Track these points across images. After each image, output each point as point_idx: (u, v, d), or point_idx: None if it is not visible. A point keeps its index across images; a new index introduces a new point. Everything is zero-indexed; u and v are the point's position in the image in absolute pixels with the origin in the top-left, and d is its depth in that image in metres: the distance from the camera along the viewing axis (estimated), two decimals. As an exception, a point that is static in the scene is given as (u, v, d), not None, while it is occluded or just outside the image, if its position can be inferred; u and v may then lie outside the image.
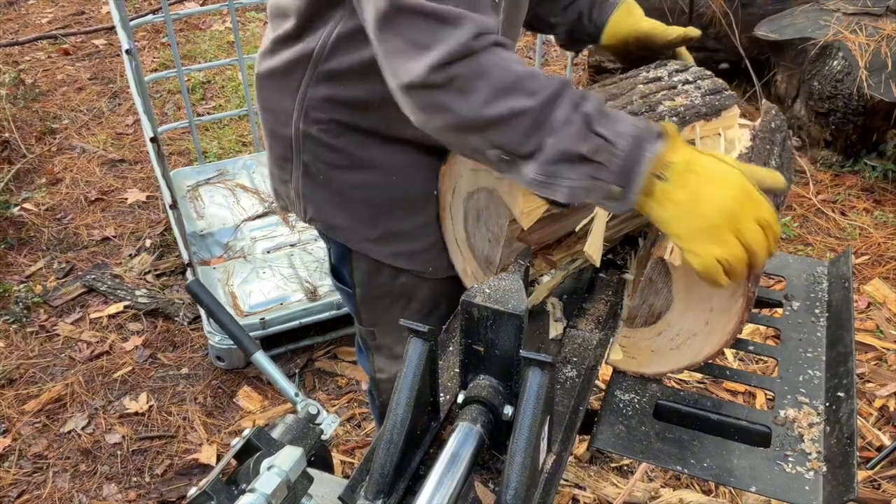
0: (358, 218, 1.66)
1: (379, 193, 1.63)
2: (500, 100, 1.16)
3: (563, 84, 1.18)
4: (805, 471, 1.30)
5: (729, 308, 1.31)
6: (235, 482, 1.16)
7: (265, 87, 1.64)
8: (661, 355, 1.43)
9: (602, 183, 1.17)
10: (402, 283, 1.74)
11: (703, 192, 1.14)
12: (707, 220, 1.14)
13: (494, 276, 1.28)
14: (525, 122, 1.17)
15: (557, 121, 1.16)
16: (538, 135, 1.17)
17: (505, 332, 1.21)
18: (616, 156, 1.15)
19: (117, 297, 3.48)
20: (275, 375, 1.51)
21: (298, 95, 1.55)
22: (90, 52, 5.59)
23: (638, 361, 1.46)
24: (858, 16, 4.18)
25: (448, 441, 1.17)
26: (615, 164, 1.15)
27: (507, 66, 1.17)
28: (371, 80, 1.43)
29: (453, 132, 1.23)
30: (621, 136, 1.15)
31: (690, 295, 1.36)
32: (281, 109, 1.60)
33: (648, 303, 1.44)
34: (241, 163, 3.97)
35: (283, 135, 1.62)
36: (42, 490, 2.73)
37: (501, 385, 1.25)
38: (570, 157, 1.16)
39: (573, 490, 2.60)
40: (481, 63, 1.16)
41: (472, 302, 1.22)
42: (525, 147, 1.19)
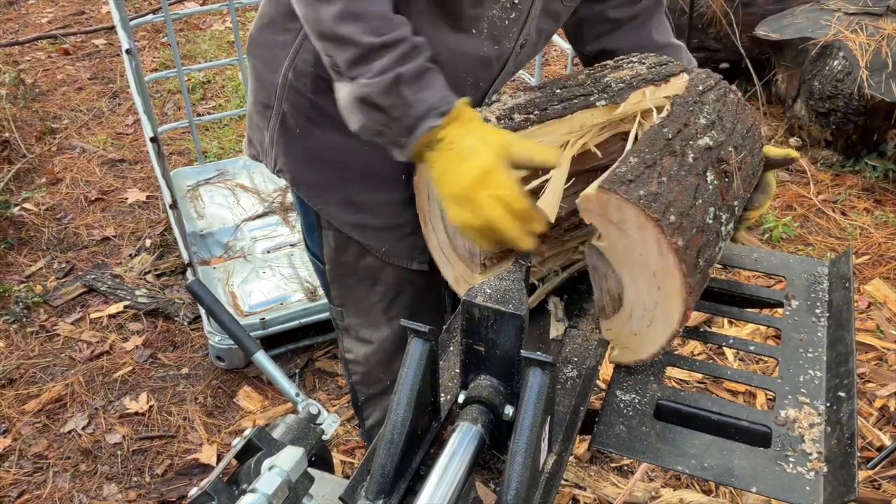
0: (325, 177, 1.69)
1: (350, 159, 1.66)
2: (346, 22, 1.32)
3: (400, 38, 1.34)
4: (806, 471, 1.29)
5: (666, 266, 1.31)
6: (236, 482, 1.16)
7: (260, 37, 1.68)
8: (644, 335, 1.42)
9: (390, 132, 1.38)
10: (367, 265, 1.78)
11: (453, 167, 1.35)
12: (452, 190, 1.35)
13: (495, 276, 1.28)
14: (354, 52, 1.34)
15: (374, 68, 1.33)
16: (359, 68, 1.35)
17: (506, 332, 1.21)
18: (408, 116, 1.34)
19: (117, 297, 3.48)
20: (275, 375, 1.50)
21: (293, 46, 1.59)
22: (90, 52, 5.59)
23: (631, 350, 1.46)
24: (859, 16, 4.19)
25: (448, 441, 1.18)
26: (403, 124, 1.35)
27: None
28: None
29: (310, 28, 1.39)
30: (419, 102, 1.34)
31: (629, 268, 1.36)
32: (272, 56, 1.64)
33: (605, 290, 1.44)
34: (241, 163, 3.97)
35: (270, 80, 1.65)
36: (42, 490, 2.73)
37: (502, 385, 1.25)
38: (371, 103, 1.35)
39: (573, 490, 2.60)
40: None
41: (473, 302, 1.22)
42: (349, 71, 1.36)
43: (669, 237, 1.28)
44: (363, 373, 2.04)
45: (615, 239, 1.34)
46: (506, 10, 1.56)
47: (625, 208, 1.30)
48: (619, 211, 1.31)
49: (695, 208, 1.36)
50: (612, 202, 1.31)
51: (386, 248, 1.75)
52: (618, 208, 1.31)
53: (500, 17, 1.56)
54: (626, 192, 1.29)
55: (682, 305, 1.33)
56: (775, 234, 3.67)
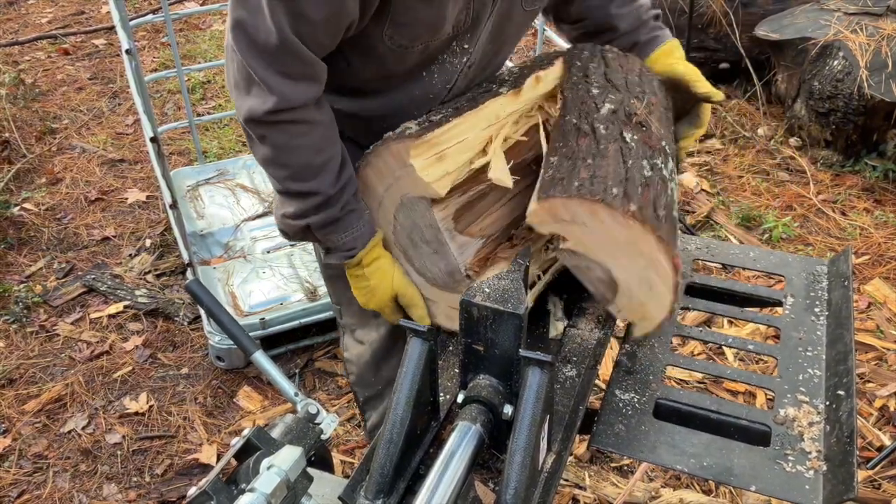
0: None
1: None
2: (271, 166, 1.52)
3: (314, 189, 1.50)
4: (805, 470, 1.30)
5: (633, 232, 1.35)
6: (235, 482, 1.16)
7: None
8: (651, 299, 1.44)
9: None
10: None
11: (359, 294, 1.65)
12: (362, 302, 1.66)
13: (494, 276, 1.28)
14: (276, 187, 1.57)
15: (289, 210, 1.57)
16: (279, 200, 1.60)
17: (505, 331, 1.21)
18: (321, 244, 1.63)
19: (117, 297, 3.48)
20: (274, 375, 1.50)
21: None
22: (90, 52, 5.59)
23: (648, 318, 1.47)
24: (859, 15, 4.18)
25: (448, 440, 1.18)
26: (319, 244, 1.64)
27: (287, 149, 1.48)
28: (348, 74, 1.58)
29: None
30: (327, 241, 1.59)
31: (605, 252, 1.40)
32: None
33: (595, 280, 1.46)
34: (241, 163, 3.97)
35: None
36: (42, 490, 2.73)
37: (501, 384, 1.25)
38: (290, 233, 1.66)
39: (573, 490, 2.60)
40: (266, 133, 1.47)
41: (472, 301, 1.22)
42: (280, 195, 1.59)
43: (622, 208, 1.32)
44: (357, 374, 2.06)
45: (579, 235, 1.39)
46: (456, 55, 1.60)
47: (570, 205, 1.36)
48: (567, 209, 1.37)
49: (630, 171, 1.41)
50: (557, 206, 1.37)
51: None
52: (564, 208, 1.37)
53: (450, 62, 1.61)
54: (563, 192, 1.36)
55: (667, 257, 1.37)
56: (775, 233, 3.67)
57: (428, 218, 1.53)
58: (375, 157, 1.52)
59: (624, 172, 1.39)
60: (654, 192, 1.41)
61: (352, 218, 1.54)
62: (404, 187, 1.52)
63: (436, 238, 1.55)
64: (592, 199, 1.33)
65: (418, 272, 1.62)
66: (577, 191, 1.34)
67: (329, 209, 1.52)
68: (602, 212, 1.34)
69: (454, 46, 1.58)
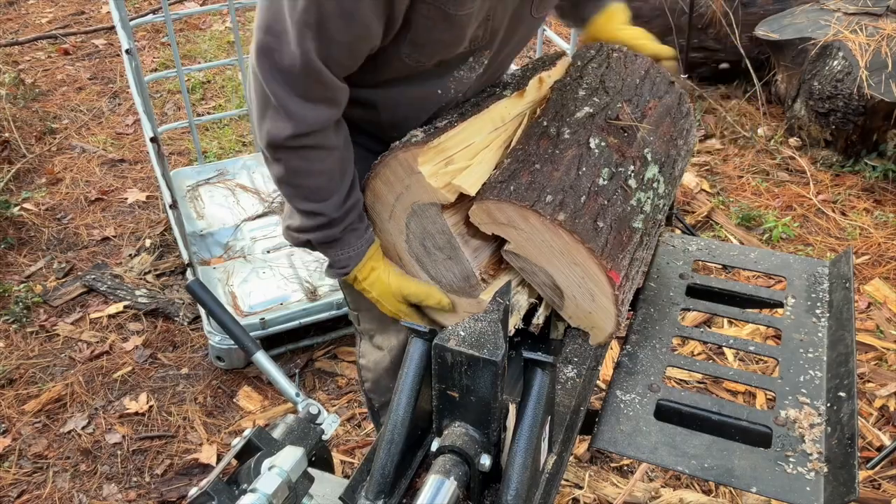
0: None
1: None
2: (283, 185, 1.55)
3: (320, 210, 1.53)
4: (806, 471, 1.29)
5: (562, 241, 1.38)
6: (236, 482, 1.16)
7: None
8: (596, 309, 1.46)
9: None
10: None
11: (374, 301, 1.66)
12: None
13: (470, 317, 1.23)
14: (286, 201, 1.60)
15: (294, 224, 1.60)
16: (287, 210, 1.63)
17: (481, 378, 1.15)
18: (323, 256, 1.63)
19: (117, 297, 3.48)
20: (275, 375, 1.50)
21: None
22: (90, 52, 5.59)
23: (598, 328, 1.49)
24: (859, 16, 4.18)
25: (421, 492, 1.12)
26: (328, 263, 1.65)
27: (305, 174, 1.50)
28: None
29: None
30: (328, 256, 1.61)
31: (544, 257, 1.43)
32: None
33: (542, 284, 1.48)
34: (241, 163, 3.97)
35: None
36: (42, 490, 2.73)
37: (478, 433, 1.19)
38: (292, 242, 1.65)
39: (573, 490, 2.60)
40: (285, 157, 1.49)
41: (446, 346, 1.16)
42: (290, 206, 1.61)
43: (550, 216, 1.35)
44: (373, 380, 2.05)
45: (516, 237, 1.42)
46: (472, 69, 1.60)
47: (503, 208, 1.40)
48: (501, 212, 1.40)
49: (579, 178, 1.42)
50: (491, 208, 1.41)
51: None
52: (499, 210, 1.40)
53: (466, 76, 1.61)
54: (497, 194, 1.39)
55: (600, 269, 1.38)
56: (775, 234, 3.67)
57: (439, 224, 1.52)
58: (384, 168, 1.52)
59: (570, 180, 1.42)
60: (601, 203, 1.42)
61: (351, 238, 1.58)
62: (414, 195, 1.51)
63: (448, 244, 1.54)
64: (521, 204, 1.37)
65: (434, 279, 1.62)
66: (510, 195, 1.38)
67: (331, 230, 1.55)
68: (532, 218, 1.38)
69: (471, 61, 1.58)
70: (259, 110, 1.46)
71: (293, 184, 1.53)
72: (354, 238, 1.58)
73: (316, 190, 1.52)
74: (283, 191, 1.57)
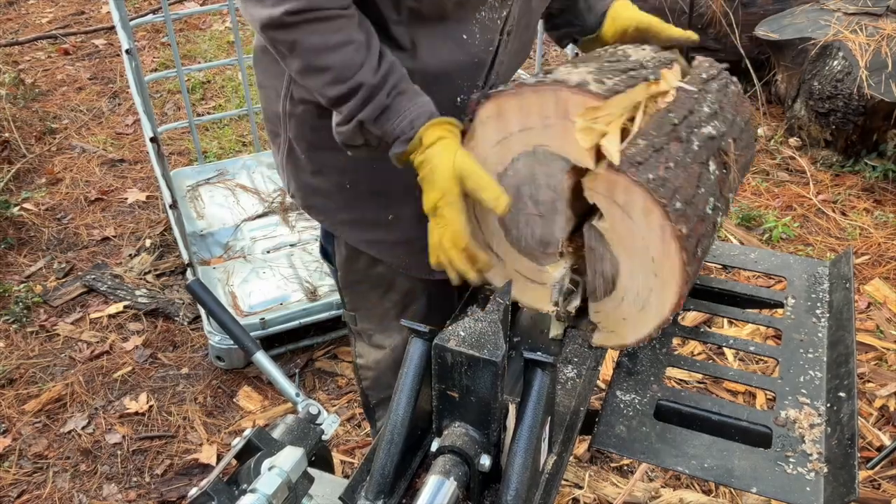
0: (333, 200, 1.71)
1: (358, 178, 1.67)
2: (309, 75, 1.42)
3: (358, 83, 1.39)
4: (806, 472, 1.29)
5: (667, 253, 1.29)
6: (236, 482, 1.16)
7: (259, 63, 1.70)
8: (633, 320, 1.40)
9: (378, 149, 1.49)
10: (379, 273, 1.77)
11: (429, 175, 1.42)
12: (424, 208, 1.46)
13: (470, 318, 1.22)
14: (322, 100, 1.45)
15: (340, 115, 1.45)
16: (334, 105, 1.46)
17: (481, 378, 1.15)
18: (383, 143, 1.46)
19: (117, 297, 3.48)
20: (275, 376, 1.50)
21: (286, 75, 1.60)
22: (90, 52, 5.59)
23: (617, 334, 1.44)
24: (859, 16, 4.18)
25: (421, 493, 1.12)
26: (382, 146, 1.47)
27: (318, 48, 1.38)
28: None
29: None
30: (386, 134, 1.44)
31: (628, 251, 1.34)
32: (271, 86, 1.66)
33: (599, 272, 1.40)
34: (241, 163, 3.97)
35: (273, 111, 1.68)
36: (42, 490, 2.73)
37: (478, 433, 1.19)
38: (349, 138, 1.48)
39: (573, 490, 2.60)
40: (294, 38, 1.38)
41: (446, 346, 1.16)
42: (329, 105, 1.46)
43: (674, 223, 1.26)
44: (373, 378, 2.03)
45: (617, 221, 1.32)
46: (494, 10, 1.55)
47: (632, 191, 1.28)
48: (627, 193, 1.29)
49: (697, 197, 1.35)
50: (621, 183, 1.29)
51: (405, 262, 1.75)
52: (625, 190, 1.29)
53: (489, 18, 1.56)
54: (635, 175, 1.27)
55: (677, 294, 1.32)
56: (775, 234, 3.67)
57: (556, 180, 1.39)
58: (533, 93, 1.35)
59: (692, 195, 1.33)
60: (704, 230, 1.37)
61: (402, 101, 1.43)
62: (547, 139, 1.36)
63: (551, 203, 1.42)
64: (657, 198, 1.26)
65: (504, 226, 1.49)
66: (648, 183, 1.27)
67: (376, 99, 1.41)
68: (656, 215, 1.28)
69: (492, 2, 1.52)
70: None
71: (318, 66, 1.40)
72: (406, 101, 1.43)
73: (345, 66, 1.39)
74: (311, 85, 1.45)
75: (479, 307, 1.57)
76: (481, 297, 1.62)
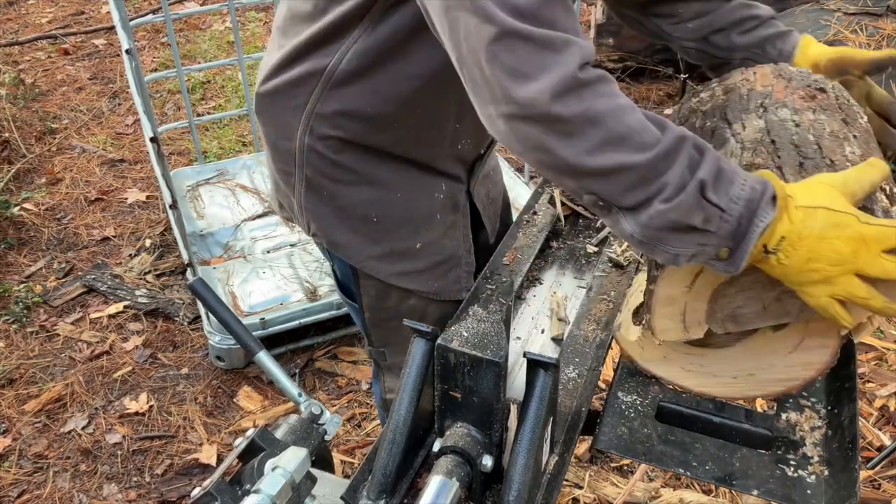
0: (361, 235, 1.63)
1: (383, 211, 1.61)
2: (606, 151, 1.07)
3: (678, 139, 1.09)
4: (807, 474, 1.29)
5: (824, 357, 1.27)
6: (239, 482, 1.16)
7: (268, 104, 1.61)
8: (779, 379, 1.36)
9: (710, 248, 1.12)
10: (411, 306, 1.72)
11: (815, 254, 1.10)
12: (821, 273, 1.12)
13: (473, 318, 1.21)
14: (630, 178, 1.08)
15: (670, 185, 1.08)
16: (644, 191, 1.09)
17: (484, 379, 1.15)
18: (727, 222, 1.09)
19: (117, 297, 3.48)
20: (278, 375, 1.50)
21: (306, 110, 1.53)
22: (90, 52, 5.59)
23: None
24: (858, 16, 4.19)
25: (423, 493, 1.12)
26: (724, 230, 1.10)
27: (618, 110, 1.08)
28: (383, 99, 1.47)
29: (549, 171, 1.14)
30: (734, 201, 1.09)
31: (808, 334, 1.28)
32: (284, 124, 1.58)
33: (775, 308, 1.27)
34: (241, 163, 3.97)
35: (286, 148, 1.59)
36: (42, 490, 2.73)
37: (480, 433, 1.19)
38: (680, 227, 1.10)
39: (573, 490, 2.61)
40: (590, 104, 1.07)
41: (449, 347, 1.16)
42: (626, 200, 1.11)
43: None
44: None
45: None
46: None
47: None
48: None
49: None
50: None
51: (435, 288, 1.71)
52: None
53: None
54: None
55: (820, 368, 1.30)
56: (775, 234, 3.67)
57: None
58: None
59: None
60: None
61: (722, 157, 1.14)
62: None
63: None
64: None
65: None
66: None
67: (703, 153, 1.11)
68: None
69: None
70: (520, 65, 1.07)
71: (617, 135, 1.07)
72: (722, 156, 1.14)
73: (642, 125, 1.09)
74: (608, 160, 1.07)
75: (481, 307, 1.57)
76: (483, 298, 1.62)
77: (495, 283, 1.65)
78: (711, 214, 1.09)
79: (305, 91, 1.51)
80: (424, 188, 1.62)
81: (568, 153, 1.08)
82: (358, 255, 1.66)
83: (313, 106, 1.52)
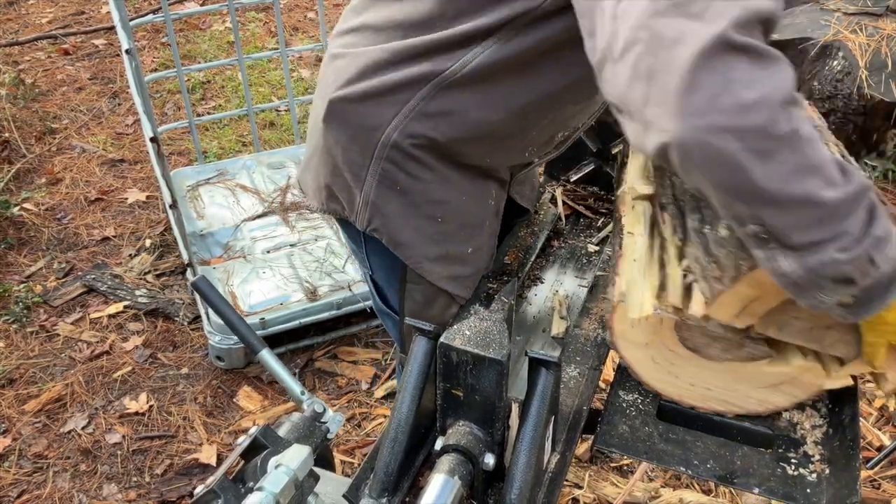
0: (423, 234, 1.61)
1: (449, 212, 1.60)
2: (799, 179, 0.98)
3: (863, 187, 1.02)
4: (808, 473, 1.30)
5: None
6: (242, 480, 1.16)
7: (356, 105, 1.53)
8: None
9: (855, 303, 1.08)
10: (452, 313, 1.70)
11: None
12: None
13: (475, 316, 1.22)
14: (812, 214, 1.00)
15: (848, 235, 1.01)
16: (820, 231, 1.01)
17: (486, 377, 1.16)
18: (878, 281, 1.05)
19: (117, 297, 3.48)
20: (281, 374, 1.51)
21: (407, 106, 1.47)
22: (90, 52, 5.59)
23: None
24: (858, 16, 4.19)
25: (425, 491, 1.13)
26: (867, 286, 1.05)
27: (815, 139, 1.00)
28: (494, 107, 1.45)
29: (725, 193, 1.03)
30: (887, 261, 1.04)
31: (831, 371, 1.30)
32: (373, 114, 1.51)
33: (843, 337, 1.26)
34: (241, 163, 3.97)
35: (366, 139, 1.53)
36: (42, 490, 2.73)
37: (482, 432, 1.19)
38: (846, 280, 1.04)
39: (573, 490, 2.61)
40: (798, 125, 0.98)
41: (451, 345, 1.16)
42: (797, 238, 1.02)
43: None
44: None
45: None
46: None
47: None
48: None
49: None
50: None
51: (471, 294, 1.70)
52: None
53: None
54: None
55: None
56: (775, 234, 3.68)
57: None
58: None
59: None
60: None
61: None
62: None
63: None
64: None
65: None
66: None
67: (877, 215, 1.05)
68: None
69: None
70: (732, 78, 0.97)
71: (814, 163, 0.99)
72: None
73: (835, 160, 1.02)
74: (799, 189, 0.99)
75: (483, 306, 1.57)
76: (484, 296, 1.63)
77: (497, 282, 1.65)
78: (868, 270, 1.04)
79: (412, 90, 1.47)
80: (483, 193, 1.62)
81: (759, 174, 0.98)
82: (416, 254, 1.63)
83: (416, 104, 1.47)
